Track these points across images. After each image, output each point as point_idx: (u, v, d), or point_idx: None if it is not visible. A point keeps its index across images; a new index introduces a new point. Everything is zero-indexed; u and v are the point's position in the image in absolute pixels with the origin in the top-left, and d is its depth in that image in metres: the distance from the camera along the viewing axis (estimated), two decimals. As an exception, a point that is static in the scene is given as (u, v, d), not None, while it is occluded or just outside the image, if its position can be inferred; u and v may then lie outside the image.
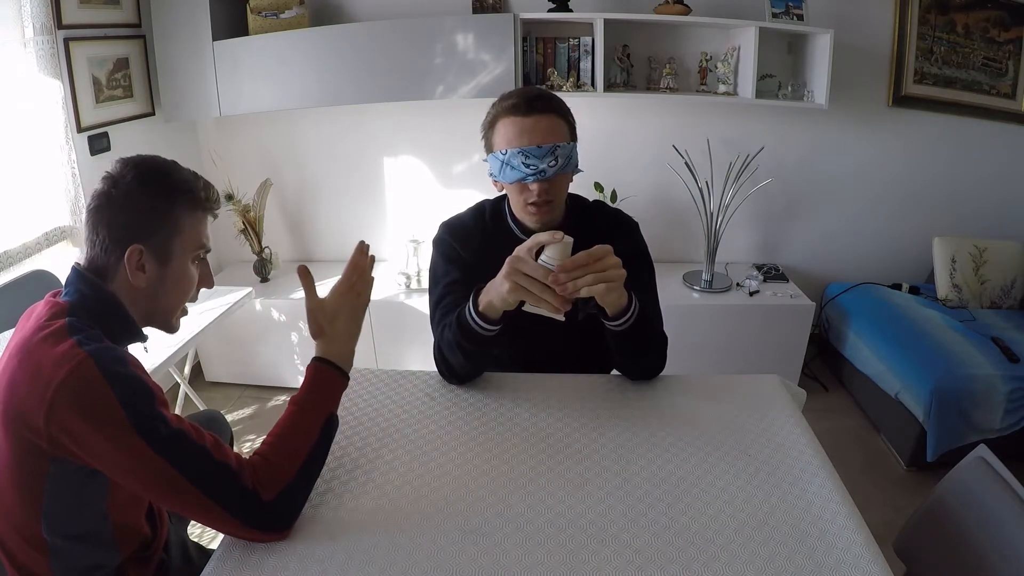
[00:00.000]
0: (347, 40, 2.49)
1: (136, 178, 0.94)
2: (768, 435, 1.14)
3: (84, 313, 0.93)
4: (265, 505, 0.88)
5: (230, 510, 0.86)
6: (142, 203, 0.95)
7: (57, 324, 0.89)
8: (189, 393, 2.40)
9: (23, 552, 0.93)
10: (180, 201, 0.98)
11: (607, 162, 2.81)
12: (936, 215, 2.93)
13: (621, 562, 0.86)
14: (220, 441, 0.90)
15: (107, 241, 0.94)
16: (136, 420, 0.83)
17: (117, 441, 0.83)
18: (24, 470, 0.87)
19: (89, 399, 0.83)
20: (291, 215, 3.10)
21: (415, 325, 2.63)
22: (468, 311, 1.17)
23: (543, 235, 1.06)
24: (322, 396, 1.00)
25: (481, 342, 1.19)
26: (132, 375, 0.87)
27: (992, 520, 1.05)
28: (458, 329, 1.19)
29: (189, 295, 1.05)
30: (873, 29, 2.68)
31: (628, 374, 1.33)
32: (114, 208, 0.94)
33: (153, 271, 0.97)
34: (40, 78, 2.04)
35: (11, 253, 1.97)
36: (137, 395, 0.85)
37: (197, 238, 1.01)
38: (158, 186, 0.96)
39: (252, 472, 0.89)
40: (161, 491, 0.86)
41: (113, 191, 0.94)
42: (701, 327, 2.60)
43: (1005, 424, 2.13)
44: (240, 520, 0.87)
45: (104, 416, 0.83)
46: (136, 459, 0.83)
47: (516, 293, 1.07)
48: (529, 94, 1.26)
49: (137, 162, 0.96)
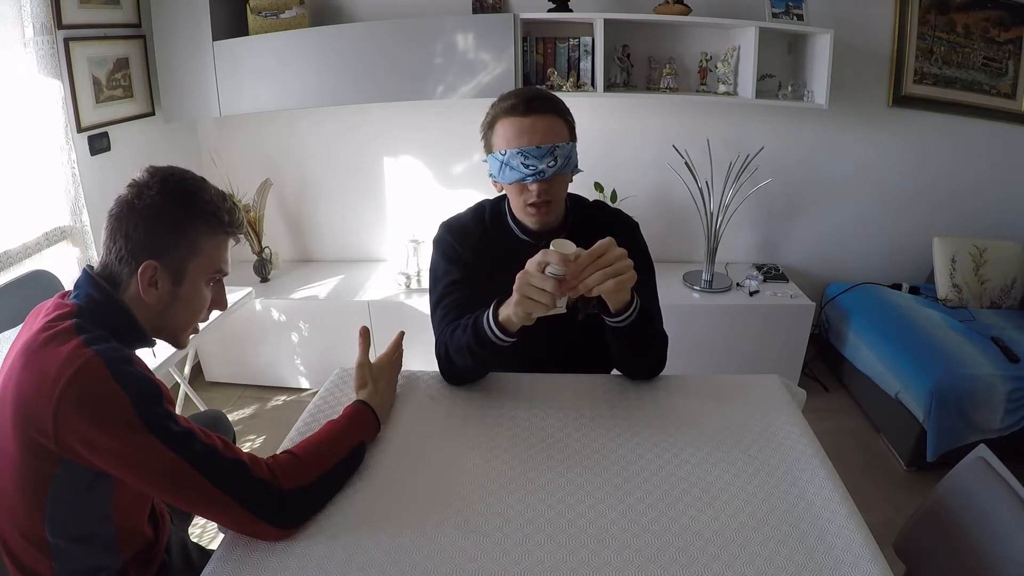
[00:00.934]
0: (347, 40, 2.49)
1: (161, 192, 0.93)
2: (768, 435, 1.14)
3: (92, 317, 0.92)
4: (281, 494, 0.90)
5: (241, 501, 0.87)
6: (162, 219, 0.93)
7: (64, 324, 0.89)
8: (189, 393, 2.40)
9: (25, 552, 0.93)
10: (202, 222, 0.96)
11: (607, 162, 2.81)
12: (936, 215, 2.93)
13: (621, 562, 0.86)
14: (228, 441, 0.91)
15: (123, 251, 0.93)
16: (146, 417, 0.84)
17: (127, 438, 0.83)
18: (30, 471, 0.87)
19: (98, 397, 0.83)
20: (291, 215, 3.10)
21: (415, 325, 2.61)
22: (487, 320, 1.16)
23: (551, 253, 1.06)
24: (358, 428, 1.07)
25: (495, 351, 1.19)
26: (139, 374, 0.87)
27: (992, 520, 1.05)
28: (473, 335, 1.19)
29: (200, 316, 1.04)
30: (873, 29, 2.68)
31: (628, 373, 1.33)
32: (134, 219, 0.92)
33: (165, 289, 0.96)
34: (40, 78, 2.03)
35: (11, 253, 1.97)
36: (145, 393, 0.85)
37: (215, 261, 1.00)
38: (181, 204, 0.95)
39: (272, 464, 0.92)
40: (172, 486, 0.86)
41: (136, 201, 0.92)
42: (701, 327, 2.60)
43: (1005, 424, 2.13)
44: (251, 511, 0.87)
45: (114, 414, 0.83)
46: (147, 455, 0.83)
47: (525, 306, 1.08)
48: (528, 94, 1.26)
49: (165, 175, 0.95)
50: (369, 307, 2.68)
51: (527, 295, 1.06)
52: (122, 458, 0.84)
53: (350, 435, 1.05)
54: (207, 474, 0.86)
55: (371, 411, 1.11)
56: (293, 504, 0.91)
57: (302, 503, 0.93)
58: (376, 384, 1.18)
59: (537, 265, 1.07)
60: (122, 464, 0.85)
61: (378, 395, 1.16)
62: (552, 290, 1.05)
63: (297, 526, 0.92)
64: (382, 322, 2.69)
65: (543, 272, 1.06)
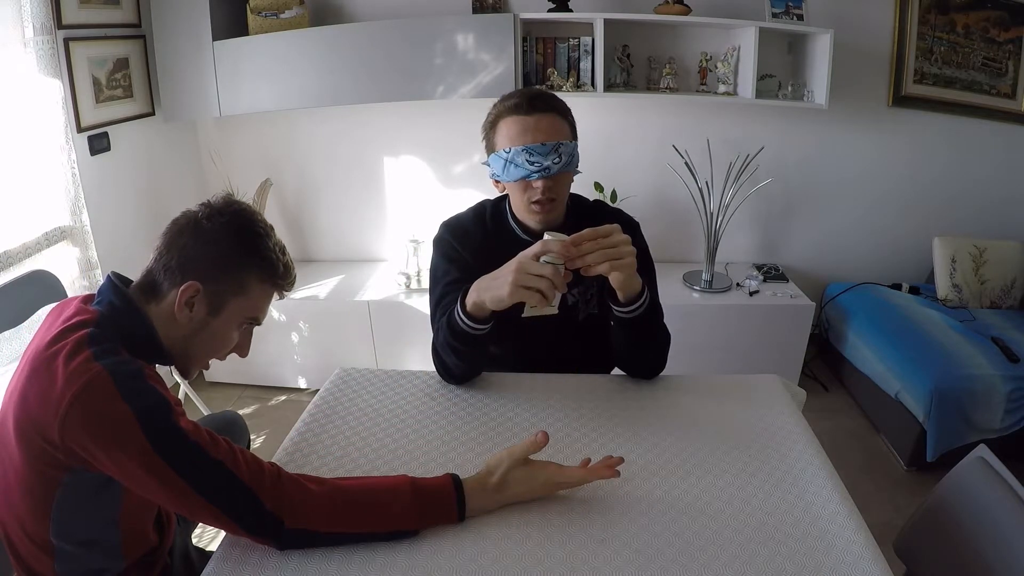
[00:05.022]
0: (347, 40, 2.49)
1: (232, 222, 0.94)
2: (768, 435, 1.14)
3: (110, 326, 0.91)
4: (283, 531, 0.86)
5: (243, 526, 0.85)
6: (222, 248, 0.94)
7: (78, 334, 0.87)
8: (189, 393, 2.40)
9: (29, 553, 0.93)
10: (257, 266, 0.97)
11: (607, 162, 2.81)
12: (936, 215, 2.93)
13: (621, 562, 0.86)
14: (237, 453, 0.87)
15: (173, 263, 0.93)
16: (152, 436, 0.81)
17: (133, 457, 0.81)
18: (38, 477, 0.86)
19: (104, 416, 0.81)
20: (291, 215, 3.10)
21: (415, 325, 2.63)
22: (456, 311, 1.17)
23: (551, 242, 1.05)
24: (425, 510, 0.90)
25: (470, 342, 1.19)
26: (148, 388, 0.85)
27: (992, 520, 1.05)
28: (448, 329, 1.20)
29: (219, 354, 1.03)
30: (873, 29, 2.68)
31: (629, 370, 1.33)
32: (196, 237, 0.93)
33: (199, 315, 0.96)
34: (40, 78, 2.03)
35: (11, 253, 1.97)
36: (153, 410, 0.83)
37: (255, 307, 1.01)
38: (247, 242, 0.96)
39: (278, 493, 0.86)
40: (176, 504, 0.85)
41: (205, 222, 0.93)
42: (701, 327, 2.60)
43: (1005, 424, 2.13)
44: (252, 534, 0.86)
45: (119, 432, 0.81)
46: (152, 475, 0.82)
47: (517, 295, 1.06)
48: (531, 93, 1.26)
49: (239, 209, 0.97)
50: (369, 307, 2.68)
51: (523, 284, 1.04)
52: (127, 474, 0.83)
53: (408, 513, 0.89)
54: (212, 498, 0.84)
55: (458, 499, 0.92)
56: (295, 539, 0.87)
57: (306, 542, 0.88)
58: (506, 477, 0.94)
59: (534, 255, 1.06)
60: (127, 479, 0.84)
61: (490, 495, 0.93)
62: (550, 275, 1.03)
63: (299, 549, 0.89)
64: (382, 322, 2.69)
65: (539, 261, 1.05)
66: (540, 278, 1.04)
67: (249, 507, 0.85)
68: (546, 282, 1.03)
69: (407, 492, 0.90)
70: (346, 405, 1.25)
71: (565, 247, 1.05)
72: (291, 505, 0.86)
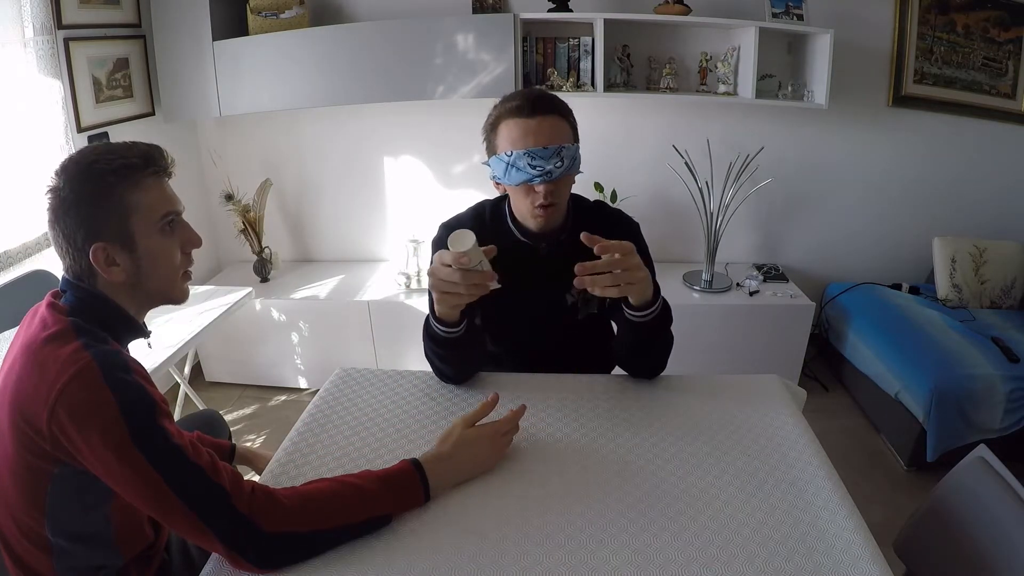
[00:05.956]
0: (347, 40, 2.49)
1: (68, 180, 0.90)
2: (768, 435, 1.14)
3: (85, 314, 0.92)
4: (261, 536, 0.84)
5: (217, 533, 0.83)
6: (83, 202, 0.90)
7: (63, 324, 0.89)
8: (189, 393, 2.40)
9: (26, 551, 0.93)
10: (114, 181, 0.91)
11: (607, 162, 2.81)
12: (936, 215, 2.93)
13: (621, 562, 0.86)
14: (218, 462, 0.87)
15: (71, 248, 0.92)
16: (134, 430, 0.82)
17: (113, 449, 0.81)
18: (29, 471, 0.87)
19: (90, 405, 0.82)
20: (291, 215, 3.10)
21: (415, 325, 2.59)
22: (429, 315, 1.22)
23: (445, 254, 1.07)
24: (391, 494, 0.93)
25: (446, 344, 1.22)
26: (135, 384, 0.86)
27: (992, 520, 1.05)
28: (425, 333, 1.24)
29: (176, 264, 0.99)
30: (873, 29, 2.68)
31: (631, 369, 1.33)
32: (60, 216, 0.91)
33: (125, 261, 0.94)
34: (40, 78, 2.04)
35: (11, 253, 1.97)
36: (138, 404, 0.84)
37: (155, 207, 0.94)
38: (87, 179, 0.90)
39: (252, 500, 0.86)
40: (152, 504, 0.84)
41: (55, 203, 0.91)
42: (701, 327, 2.60)
43: (1005, 424, 2.13)
44: (226, 545, 0.84)
45: (103, 423, 0.81)
46: (130, 470, 0.82)
47: (444, 301, 1.11)
48: (532, 95, 1.25)
49: (65, 164, 0.92)
50: (369, 307, 2.68)
51: (443, 291, 1.09)
52: (106, 468, 0.83)
53: (377, 500, 0.91)
54: (186, 500, 0.82)
55: (420, 478, 0.96)
56: (274, 548, 0.85)
57: (286, 549, 0.86)
58: (455, 449, 1.00)
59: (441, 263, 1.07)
60: (105, 473, 0.84)
61: (446, 462, 0.99)
62: (459, 280, 1.05)
63: (276, 568, 0.85)
64: (382, 322, 2.69)
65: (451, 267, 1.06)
66: (455, 284, 1.06)
67: (224, 512, 0.83)
68: (465, 287, 1.06)
69: (373, 479, 0.94)
70: (346, 405, 1.25)
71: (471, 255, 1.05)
72: (265, 512, 0.85)
